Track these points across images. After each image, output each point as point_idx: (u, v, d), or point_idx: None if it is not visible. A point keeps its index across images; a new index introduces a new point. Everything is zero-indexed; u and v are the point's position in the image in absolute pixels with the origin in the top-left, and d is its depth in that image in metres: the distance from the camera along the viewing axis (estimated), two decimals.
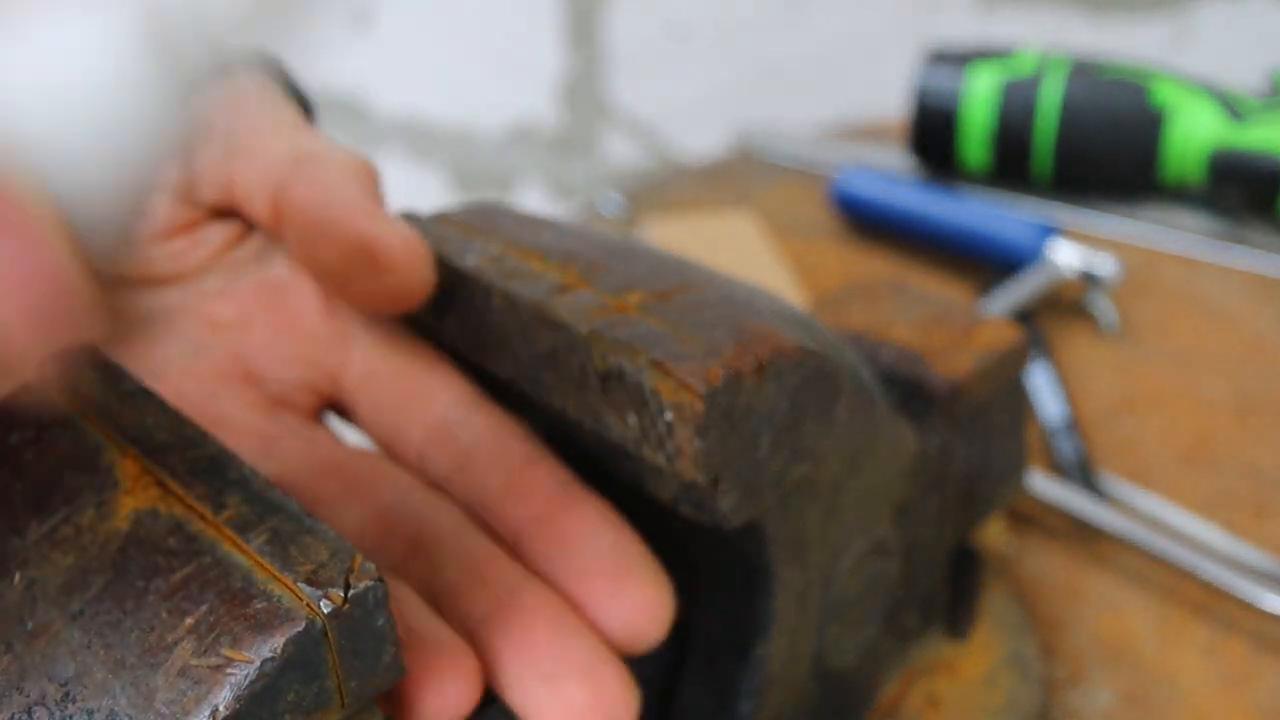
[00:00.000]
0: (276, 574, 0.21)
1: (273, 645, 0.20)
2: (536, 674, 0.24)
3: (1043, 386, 0.53)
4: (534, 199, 1.13)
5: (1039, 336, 0.56)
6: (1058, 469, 0.49)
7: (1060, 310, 0.60)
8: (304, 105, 0.32)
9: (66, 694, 0.21)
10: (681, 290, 0.29)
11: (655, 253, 0.31)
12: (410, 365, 0.28)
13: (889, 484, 0.33)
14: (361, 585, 0.21)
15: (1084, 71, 0.65)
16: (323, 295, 0.29)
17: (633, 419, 0.27)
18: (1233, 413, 0.52)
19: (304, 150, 0.27)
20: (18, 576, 0.23)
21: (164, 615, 0.21)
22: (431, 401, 0.27)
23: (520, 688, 0.24)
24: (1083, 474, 0.48)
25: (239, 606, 0.21)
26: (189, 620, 0.21)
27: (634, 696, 0.24)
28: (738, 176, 0.74)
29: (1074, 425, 0.51)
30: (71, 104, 0.14)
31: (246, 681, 0.20)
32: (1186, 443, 0.51)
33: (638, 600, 0.25)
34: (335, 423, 0.31)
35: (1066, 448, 0.50)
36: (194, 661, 0.21)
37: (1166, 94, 0.64)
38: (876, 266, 0.65)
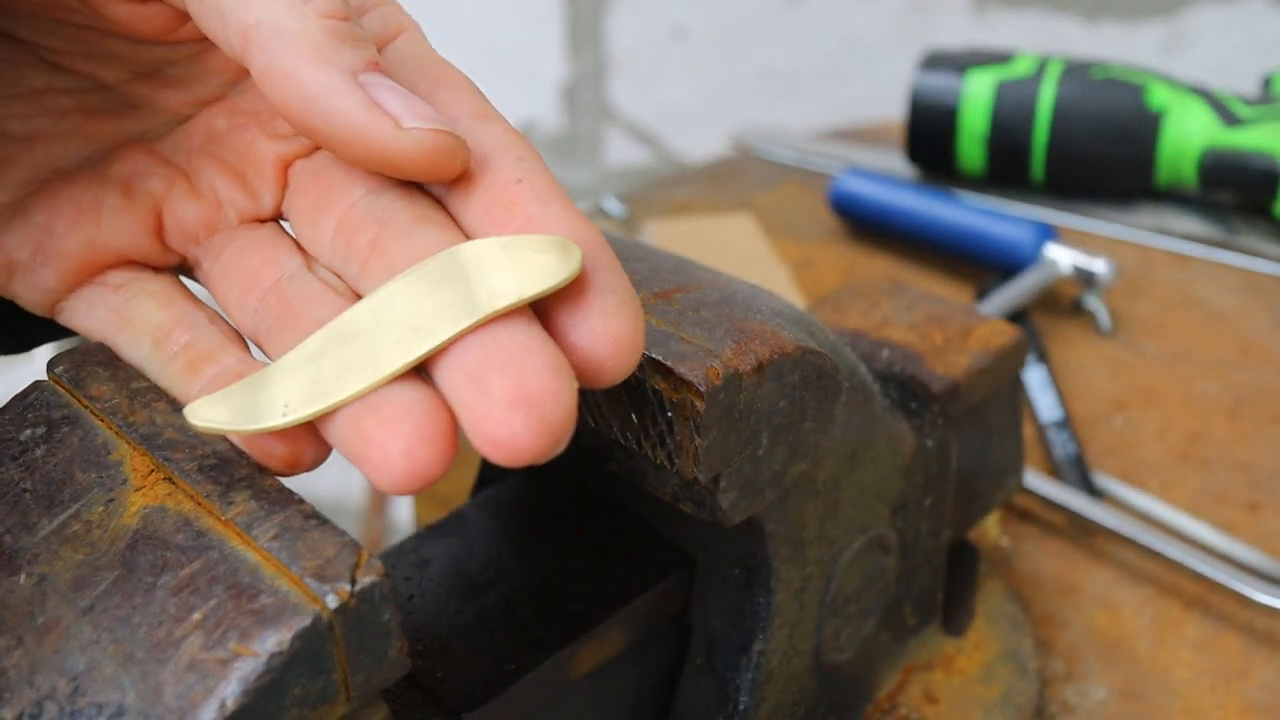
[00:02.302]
0: (284, 569, 0.22)
1: (279, 640, 0.21)
2: (462, 371, 0.22)
3: (1038, 386, 0.53)
4: None
5: (1035, 336, 0.57)
6: (1053, 467, 0.50)
7: (1056, 310, 0.60)
8: None
9: (76, 688, 0.21)
10: (682, 290, 0.29)
11: (656, 253, 0.31)
12: (419, 85, 0.27)
13: (887, 482, 0.34)
14: (367, 580, 0.22)
15: (1079, 74, 0.66)
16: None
17: (634, 417, 0.28)
18: (1225, 411, 0.53)
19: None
20: (28, 572, 0.23)
21: (172, 610, 0.22)
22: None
23: (448, 389, 0.22)
24: (1078, 472, 0.49)
25: (246, 601, 0.21)
26: (197, 615, 0.22)
27: (570, 389, 0.22)
28: (737, 178, 0.75)
29: (1069, 424, 0.51)
30: None
31: (254, 675, 0.21)
32: (1180, 441, 0.51)
33: (601, 326, 0.23)
34: None
35: (1061, 446, 0.50)
36: (202, 656, 0.21)
37: (1162, 96, 0.64)
38: (875, 267, 0.65)
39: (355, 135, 0.23)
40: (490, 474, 0.37)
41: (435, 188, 0.26)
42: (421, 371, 0.23)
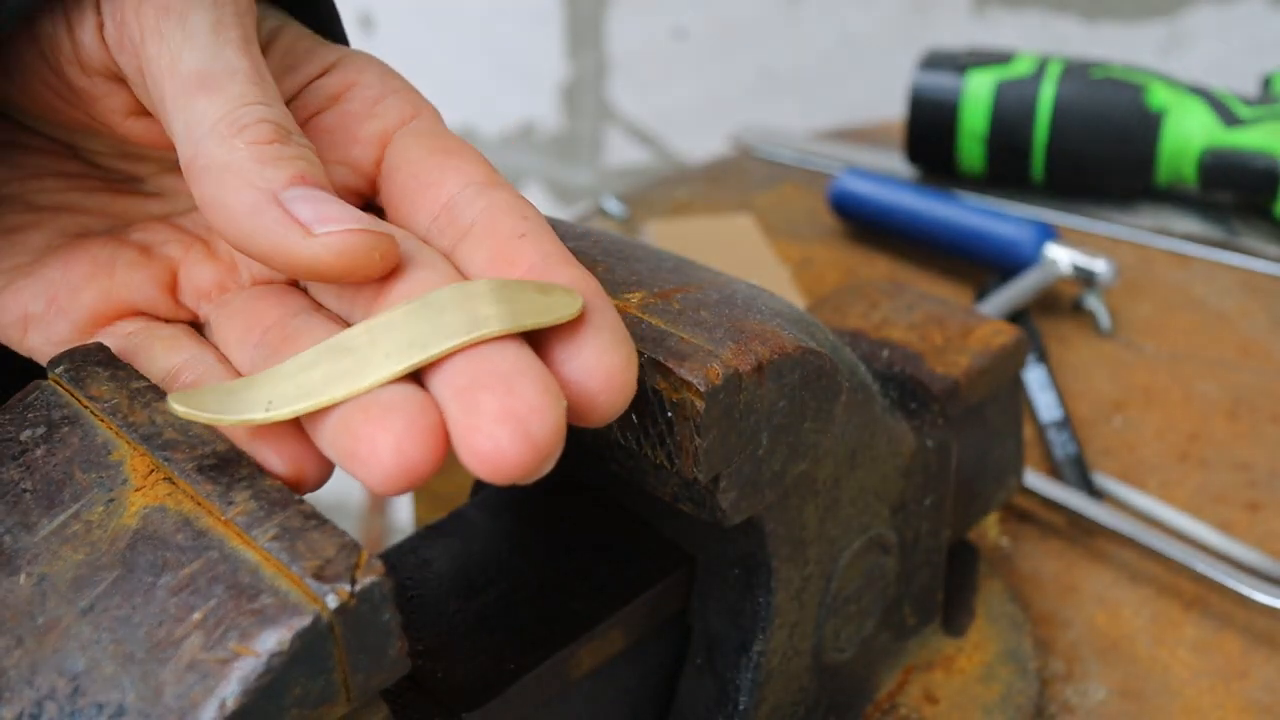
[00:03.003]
0: (284, 569, 0.22)
1: (280, 640, 0.21)
2: (452, 388, 0.23)
3: (1038, 386, 0.53)
4: (536, 201, 1.13)
5: (1035, 336, 0.57)
6: (1053, 467, 0.50)
7: (1056, 310, 0.60)
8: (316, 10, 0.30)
9: (76, 688, 0.22)
10: (682, 290, 0.29)
11: (656, 252, 0.31)
12: (430, 157, 0.28)
13: (887, 481, 0.34)
14: (368, 580, 0.22)
15: (1079, 74, 0.66)
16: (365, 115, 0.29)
17: (634, 417, 0.28)
18: (1225, 411, 0.53)
19: (192, 110, 0.25)
20: (28, 572, 0.23)
21: (172, 610, 0.22)
22: (442, 188, 0.27)
23: (439, 404, 0.23)
24: (1077, 472, 0.49)
25: (246, 601, 0.21)
26: (197, 615, 0.22)
27: (558, 408, 0.22)
28: (737, 178, 0.75)
29: (1069, 424, 0.51)
30: None
31: (254, 675, 0.21)
32: (1180, 441, 0.51)
33: (594, 360, 0.24)
34: None
35: (1061, 446, 0.50)
36: (202, 656, 0.21)
37: (1162, 96, 0.64)
38: (875, 267, 0.65)
39: (274, 248, 0.24)
40: None
41: (442, 243, 0.27)
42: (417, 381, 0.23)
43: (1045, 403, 0.52)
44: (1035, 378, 0.53)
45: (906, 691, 0.37)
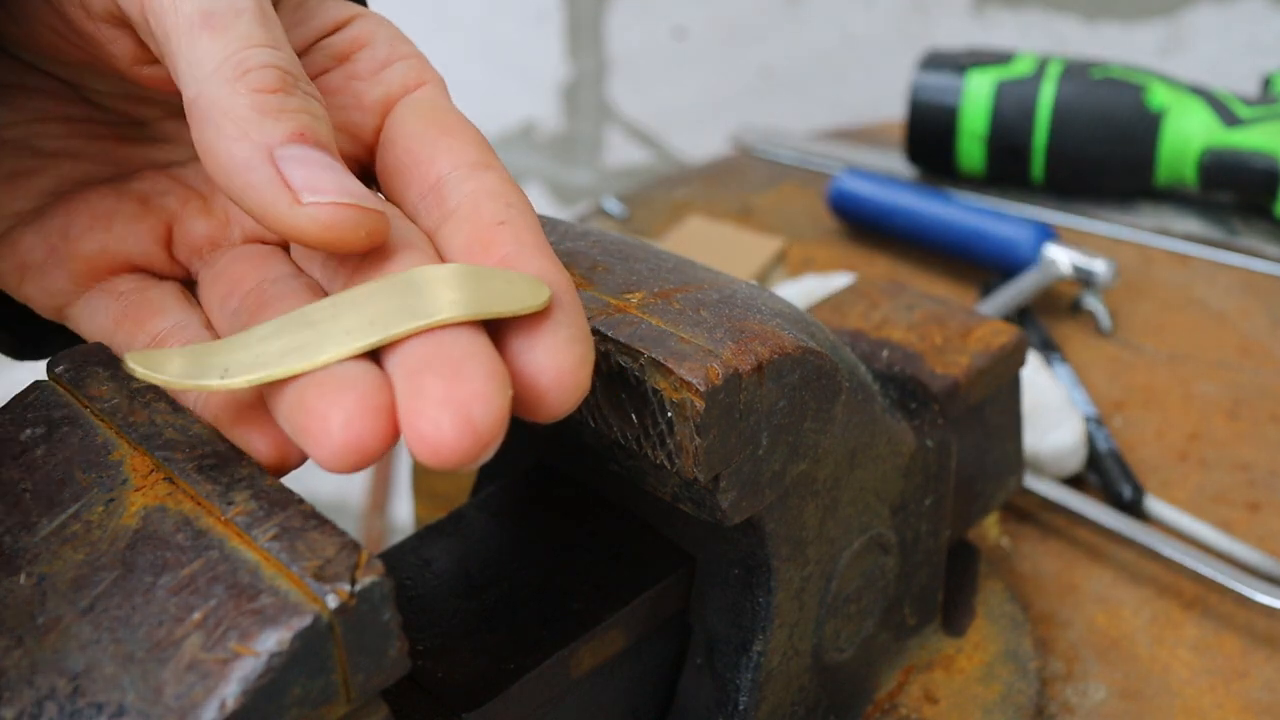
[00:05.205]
0: (284, 569, 0.22)
1: (280, 640, 0.21)
2: (403, 369, 0.23)
3: (1069, 384, 0.53)
4: (536, 201, 1.13)
5: (1043, 335, 0.57)
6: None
7: (1056, 310, 0.60)
8: None
9: (76, 688, 0.22)
10: (682, 290, 0.29)
11: (656, 252, 0.31)
12: (427, 133, 0.28)
13: (887, 481, 0.34)
14: (368, 580, 0.22)
15: (1079, 74, 0.66)
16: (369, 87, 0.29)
17: (634, 417, 0.28)
18: (1225, 411, 0.53)
19: (192, 58, 0.24)
20: (28, 572, 0.23)
21: (172, 610, 0.22)
22: (432, 167, 0.27)
23: (393, 385, 0.23)
24: (1118, 470, 0.49)
25: (246, 601, 0.21)
26: (197, 615, 0.22)
27: (502, 396, 0.22)
28: (737, 178, 0.75)
29: (1102, 421, 0.51)
30: None
31: (254, 675, 0.21)
32: (1180, 441, 0.51)
33: (546, 358, 0.24)
34: None
35: (1104, 440, 0.50)
36: (202, 656, 0.21)
37: (1162, 96, 0.64)
38: (875, 268, 0.65)
39: (262, 209, 0.24)
40: (490, 473, 0.37)
41: (427, 223, 0.27)
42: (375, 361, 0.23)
43: (1076, 399, 0.52)
44: (1062, 374, 0.53)
45: (906, 691, 0.37)
